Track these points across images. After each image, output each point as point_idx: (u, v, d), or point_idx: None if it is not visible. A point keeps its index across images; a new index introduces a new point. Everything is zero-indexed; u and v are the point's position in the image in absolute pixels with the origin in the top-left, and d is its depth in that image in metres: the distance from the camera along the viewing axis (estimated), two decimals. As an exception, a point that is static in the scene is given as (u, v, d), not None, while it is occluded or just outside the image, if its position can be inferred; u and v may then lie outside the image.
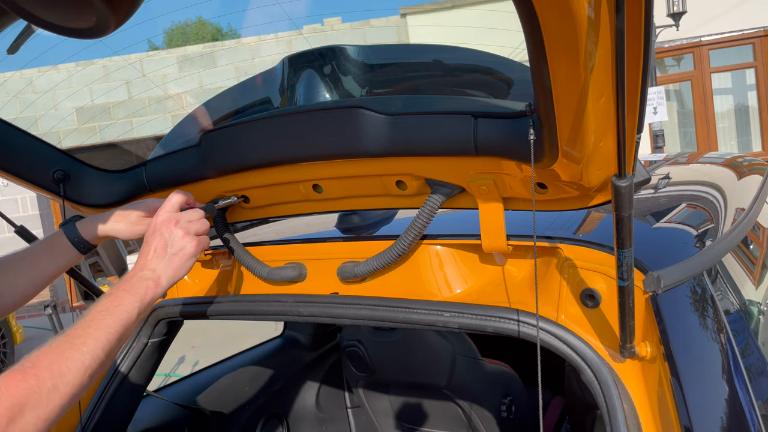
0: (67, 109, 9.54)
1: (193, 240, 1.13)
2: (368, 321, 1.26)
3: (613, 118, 0.84)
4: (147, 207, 1.28)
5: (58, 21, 0.87)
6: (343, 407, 2.68)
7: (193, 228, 1.14)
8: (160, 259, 1.09)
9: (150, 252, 1.09)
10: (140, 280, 1.05)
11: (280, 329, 2.80)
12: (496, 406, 2.18)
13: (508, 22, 1.00)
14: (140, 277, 1.06)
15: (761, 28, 9.38)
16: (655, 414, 0.99)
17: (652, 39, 0.80)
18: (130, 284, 1.04)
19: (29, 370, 0.84)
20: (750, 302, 1.42)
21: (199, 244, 1.14)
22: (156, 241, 1.10)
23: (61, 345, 0.90)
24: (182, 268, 1.11)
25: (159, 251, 1.09)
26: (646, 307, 1.05)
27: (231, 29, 14.51)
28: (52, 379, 0.84)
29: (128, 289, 1.03)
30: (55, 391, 0.84)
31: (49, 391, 0.83)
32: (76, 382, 0.88)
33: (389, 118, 1.15)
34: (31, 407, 0.81)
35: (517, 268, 1.25)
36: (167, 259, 1.09)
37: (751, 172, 2.15)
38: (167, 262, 1.09)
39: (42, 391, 0.83)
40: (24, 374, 0.83)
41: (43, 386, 0.83)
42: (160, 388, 2.21)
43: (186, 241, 1.12)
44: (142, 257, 1.10)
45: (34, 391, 0.82)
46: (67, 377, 0.86)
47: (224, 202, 1.41)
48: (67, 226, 1.29)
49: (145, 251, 1.10)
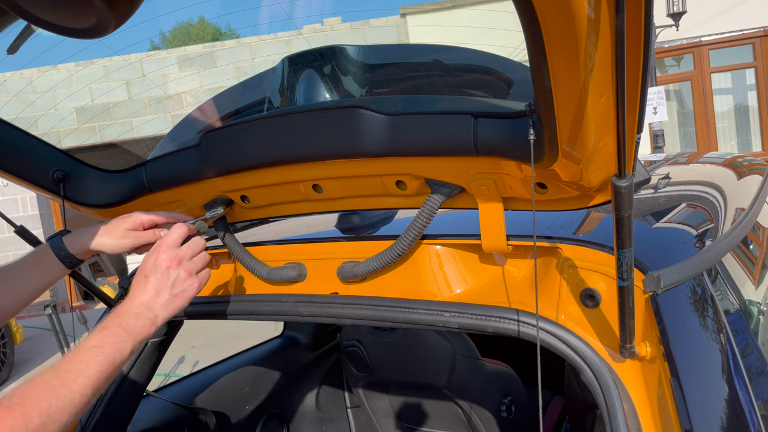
0: (67, 109, 9.54)
1: (195, 282, 1.11)
2: (368, 321, 1.26)
3: (613, 118, 0.84)
4: (133, 221, 1.27)
5: (58, 21, 0.87)
6: (343, 407, 2.68)
7: (196, 267, 1.12)
8: (160, 298, 1.06)
9: (150, 290, 1.06)
10: (137, 318, 1.02)
11: (280, 329, 2.80)
12: (496, 406, 2.18)
13: (508, 22, 1.00)
14: (137, 314, 1.03)
15: (761, 28, 9.39)
16: (655, 414, 0.99)
17: (652, 39, 0.80)
18: (127, 321, 1.01)
19: (17, 407, 0.81)
20: (750, 302, 1.42)
21: (201, 284, 1.12)
22: (157, 280, 1.07)
23: (51, 381, 0.87)
24: (180, 308, 1.09)
25: (160, 291, 1.06)
26: (646, 307, 1.05)
27: (230, 29, 14.52)
28: (39, 417, 0.82)
29: (124, 326, 1.00)
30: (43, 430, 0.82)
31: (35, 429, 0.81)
32: (63, 420, 0.85)
33: (389, 118, 1.15)
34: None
35: (517, 268, 1.25)
36: (167, 300, 1.07)
37: (751, 172, 2.15)
38: (167, 303, 1.06)
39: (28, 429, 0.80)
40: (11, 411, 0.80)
41: (30, 424, 0.80)
42: (160, 388, 2.21)
43: (188, 283, 1.09)
44: (140, 293, 1.05)
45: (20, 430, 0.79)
46: (54, 415, 0.84)
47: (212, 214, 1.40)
48: (53, 241, 1.28)
49: (142, 287, 1.06)
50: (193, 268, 1.11)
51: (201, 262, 1.13)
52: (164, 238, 1.11)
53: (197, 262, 1.12)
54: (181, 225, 1.15)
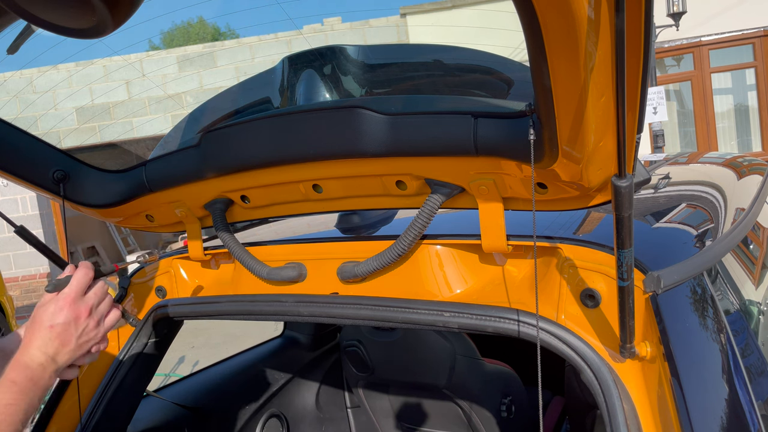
0: (67, 109, 9.54)
1: (102, 330, 1.09)
2: (368, 321, 1.26)
3: (613, 118, 0.84)
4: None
5: (58, 21, 0.87)
6: (343, 407, 2.68)
7: (102, 313, 1.10)
8: (66, 348, 1.04)
9: (56, 341, 1.02)
10: (44, 369, 1.00)
11: (280, 329, 2.80)
12: (496, 406, 2.18)
13: (508, 22, 1.00)
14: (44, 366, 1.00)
15: (761, 28, 9.39)
16: (655, 414, 0.99)
17: (652, 39, 0.80)
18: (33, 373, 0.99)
19: None
20: (750, 302, 1.42)
21: (108, 329, 1.11)
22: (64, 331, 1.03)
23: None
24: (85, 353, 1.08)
25: (67, 342, 1.03)
26: (646, 307, 1.05)
27: (230, 29, 14.51)
28: None
29: (35, 380, 0.98)
30: None
31: None
32: None
33: (389, 118, 1.14)
34: None
35: (517, 268, 1.25)
36: (72, 349, 1.04)
37: (751, 172, 2.15)
38: (71, 351, 1.04)
39: None
40: None
41: None
42: (160, 388, 2.21)
43: (96, 332, 1.08)
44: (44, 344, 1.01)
45: None
46: None
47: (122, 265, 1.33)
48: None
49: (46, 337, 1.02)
50: (100, 316, 1.09)
51: (106, 307, 1.11)
52: (69, 287, 1.06)
53: (103, 309, 1.10)
54: (86, 270, 1.09)
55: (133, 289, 1.72)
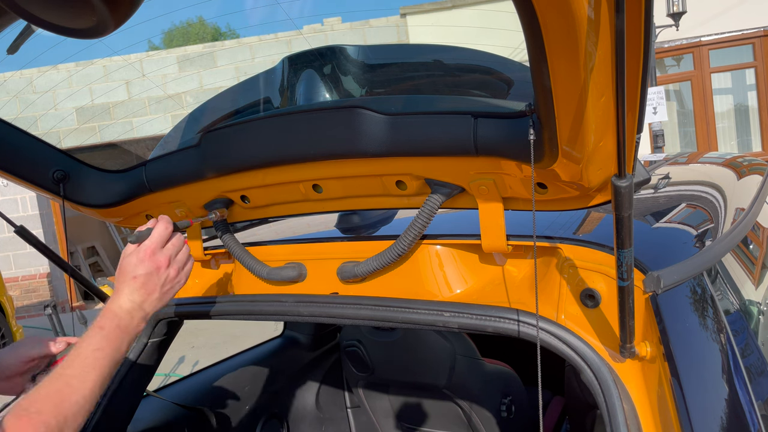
0: (67, 109, 9.54)
1: (183, 277, 1.16)
2: (368, 321, 1.26)
3: (613, 118, 0.84)
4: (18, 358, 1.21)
5: (58, 21, 0.87)
6: (343, 407, 2.68)
7: (182, 261, 1.16)
8: (151, 297, 1.10)
9: (141, 290, 1.09)
10: (131, 317, 1.07)
11: (280, 329, 2.80)
12: (496, 406, 2.18)
13: (508, 22, 1.00)
14: (131, 313, 1.07)
15: (761, 28, 9.38)
16: (655, 414, 0.99)
17: (652, 39, 0.80)
18: (121, 320, 1.05)
19: (36, 416, 0.86)
20: (750, 302, 1.42)
21: (187, 277, 1.17)
22: (148, 280, 1.10)
23: (63, 390, 0.92)
24: (169, 300, 1.14)
25: (152, 291, 1.10)
26: (646, 307, 1.05)
27: (230, 29, 14.51)
28: (58, 424, 0.88)
29: (122, 327, 1.05)
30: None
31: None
32: (77, 424, 0.92)
33: (389, 118, 1.14)
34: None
35: (517, 268, 1.25)
36: (157, 298, 1.11)
37: (751, 172, 2.15)
38: (158, 299, 1.11)
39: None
40: (32, 421, 0.85)
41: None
42: (160, 388, 2.21)
43: (177, 280, 1.14)
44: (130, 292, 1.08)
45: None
46: (69, 420, 0.90)
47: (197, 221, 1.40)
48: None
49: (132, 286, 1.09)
50: (180, 263, 1.15)
51: (184, 257, 1.17)
52: (150, 239, 1.12)
53: (182, 258, 1.16)
54: (165, 224, 1.15)
55: (133, 289, 1.71)
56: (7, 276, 9.84)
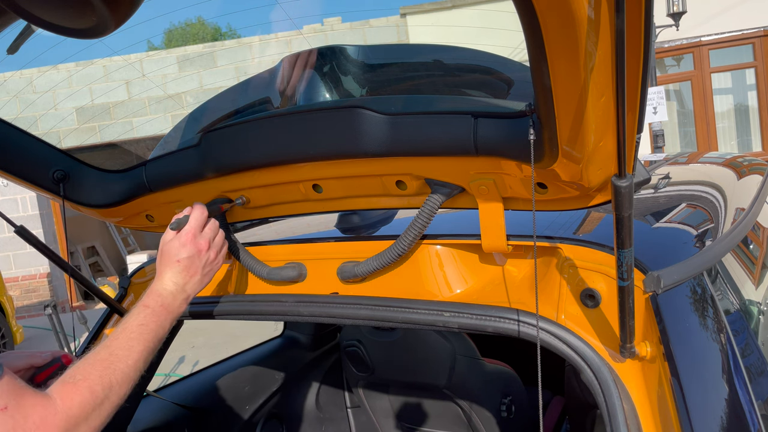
0: (67, 109, 9.54)
1: (221, 259, 1.25)
2: (368, 321, 1.26)
3: (613, 118, 0.84)
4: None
5: (58, 21, 0.87)
6: (343, 407, 2.68)
7: (219, 245, 1.24)
8: (193, 279, 1.17)
9: (184, 272, 1.16)
10: (174, 297, 1.14)
11: (280, 329, 2.80)
12: (496, 406, 2.18)
13: (508, 22, 1.00)
14: (174, 294, 1.14)
15: (761, 28, 9.38)
16: (655, 414, 0.99)
17: (652, 39, 0.80)
18: (165, 300, 1.12)
19: (81, 382, 0.89)
20: (750, 302, 1.42)
21: (224, 258, 1.26)
22: (190, 263, 1.17)
23: (108, 358, 0.96)
24: (209, 281, 1.23)
25: (194, 273, 1.18)
26: (646, 307, 1.05)
27: (230, 29, 14.51)
28: (103, 391, 0.91)
29: (166, 306, 1.11)
30: (107, 402, 0.92)
31: (101, 402, 0.90)
32: (122, 392, 0.95)
33: (389, 118, 1.14)
34: (84, 419, 0.87)
35: (517, 268, 1.25)
36: (199, 280, 1.19)
37: (751, 172, 2.15)
38: (199, 281, 1.19)
39: (96, 402, 0.89)
40: (78, 387, 0.88)
41: (97, 399, 0.90)
42: (160, 388, 2.21)
43: (216, 262, 1.23)
44: (173, 274, 1.15)
45: (88, 403, 0.88)
46: (115, 389, 0.94)
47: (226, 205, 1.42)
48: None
49: (175, 269, 1.16)
50: (218, 248, 1.24)
51: (221, 240, 1.25)
52: (189, 225, 1.19)
53: (219, 242, 1.24)
54: (201, 210, 1.22)
55: (133, 289, 1.72)
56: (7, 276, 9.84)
